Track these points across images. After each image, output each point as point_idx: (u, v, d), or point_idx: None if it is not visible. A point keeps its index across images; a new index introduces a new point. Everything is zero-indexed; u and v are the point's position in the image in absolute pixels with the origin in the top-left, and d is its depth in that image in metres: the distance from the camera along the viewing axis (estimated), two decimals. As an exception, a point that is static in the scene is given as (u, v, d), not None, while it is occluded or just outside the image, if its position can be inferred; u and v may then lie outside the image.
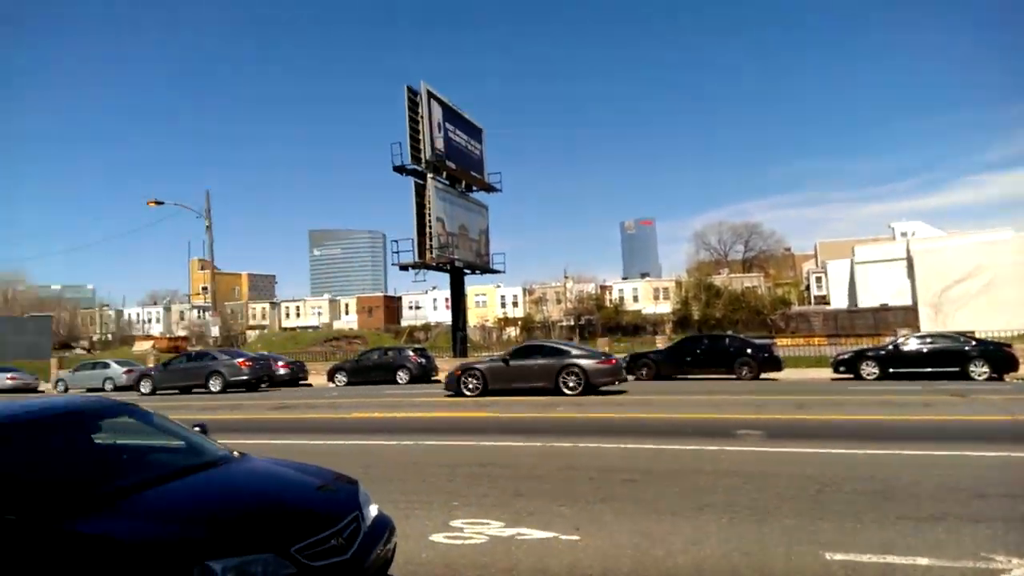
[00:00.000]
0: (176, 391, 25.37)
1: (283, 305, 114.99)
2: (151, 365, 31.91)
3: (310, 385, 28.46)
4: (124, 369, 29.92)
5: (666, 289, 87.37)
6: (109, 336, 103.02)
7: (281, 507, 3.63)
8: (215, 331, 39.80)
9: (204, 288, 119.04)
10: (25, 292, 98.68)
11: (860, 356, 21.26)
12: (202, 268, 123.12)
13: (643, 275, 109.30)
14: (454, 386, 18.28)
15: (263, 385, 25.95)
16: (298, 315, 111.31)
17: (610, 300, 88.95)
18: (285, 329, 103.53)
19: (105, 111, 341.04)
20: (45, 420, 4.21)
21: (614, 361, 18.09)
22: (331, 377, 27.47)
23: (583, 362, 17.37)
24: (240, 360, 24.99)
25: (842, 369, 21.34)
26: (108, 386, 29.14)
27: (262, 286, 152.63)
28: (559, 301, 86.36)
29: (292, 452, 9.37)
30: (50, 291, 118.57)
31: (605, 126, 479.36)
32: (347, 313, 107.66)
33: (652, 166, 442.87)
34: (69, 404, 4.65)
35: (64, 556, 3.08)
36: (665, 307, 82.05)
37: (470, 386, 17.98)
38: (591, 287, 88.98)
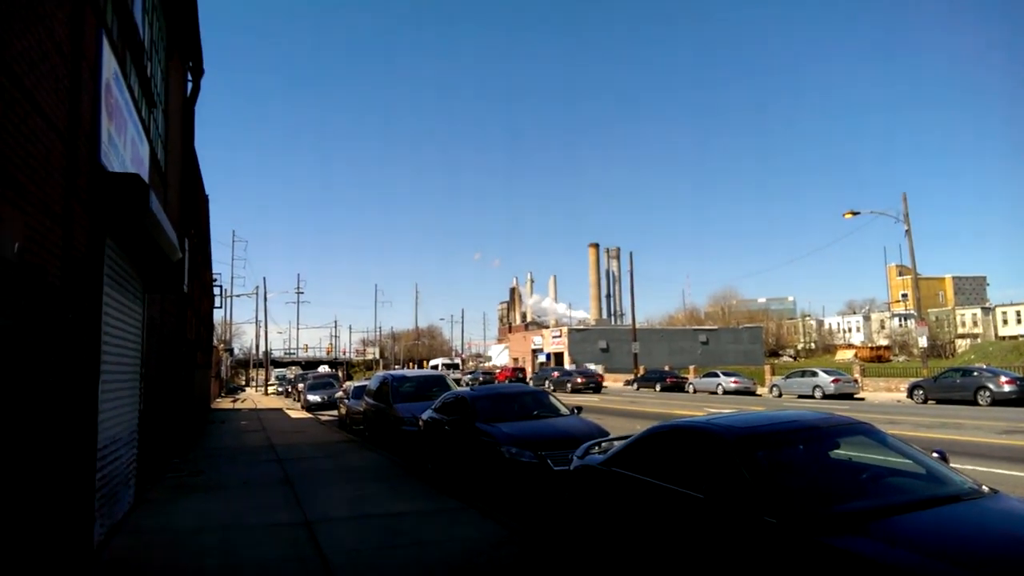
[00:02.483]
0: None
1: (998, 310, 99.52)
2: (855, 376, 32.55)
3: (1050, 407, 23.48)
4: (831, 378, 30.89)
5: None
6: (812, 345, 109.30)
7: None
8: (923, 341, 37.32)
9: (903, 295, 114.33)
10: (737, 306, 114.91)
11: None
12: (900, 274, 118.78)
13: None
14: None
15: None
16: (1019, 321, 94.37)
17: None
18: (1003, 338, 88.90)
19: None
20: (788, 432, 4.53)
21: None
22: (1080, 400, 22.07)
23: None
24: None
25: None
26: (817, 394, 30.43)
27: (969, 289, 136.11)
28: None
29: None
30: (756, 304, 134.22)
31: None
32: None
33: None
34: (807, 418, 4.82)
35: (819, 568, 3.23)
36: None
37: None
38: None
